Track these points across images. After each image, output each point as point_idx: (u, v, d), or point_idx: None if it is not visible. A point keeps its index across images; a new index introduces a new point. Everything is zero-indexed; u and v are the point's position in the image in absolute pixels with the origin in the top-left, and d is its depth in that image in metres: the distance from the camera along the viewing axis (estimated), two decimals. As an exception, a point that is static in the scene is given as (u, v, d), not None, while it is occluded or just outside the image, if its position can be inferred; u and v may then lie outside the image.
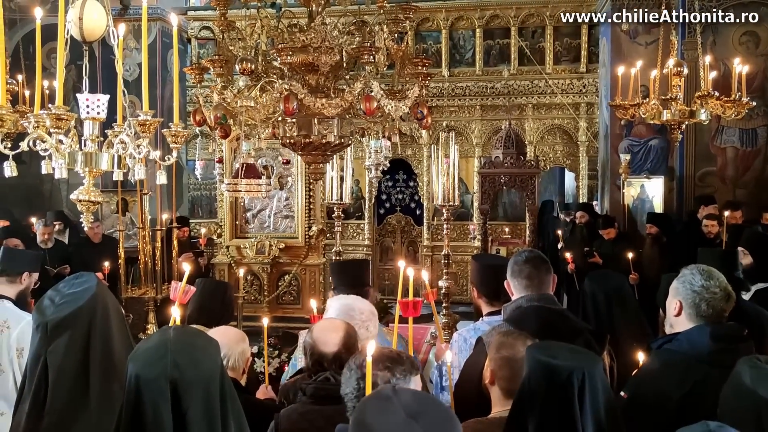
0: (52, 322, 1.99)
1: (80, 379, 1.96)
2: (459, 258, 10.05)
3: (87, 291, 2.07)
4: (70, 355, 1.97)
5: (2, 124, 2.38)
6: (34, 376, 1.98)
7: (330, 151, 4.53)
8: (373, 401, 1.42)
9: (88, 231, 7.38)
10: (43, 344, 1.99)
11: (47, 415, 1.93)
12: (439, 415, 1.39)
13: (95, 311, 2.04)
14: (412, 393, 1.43)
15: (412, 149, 10.90)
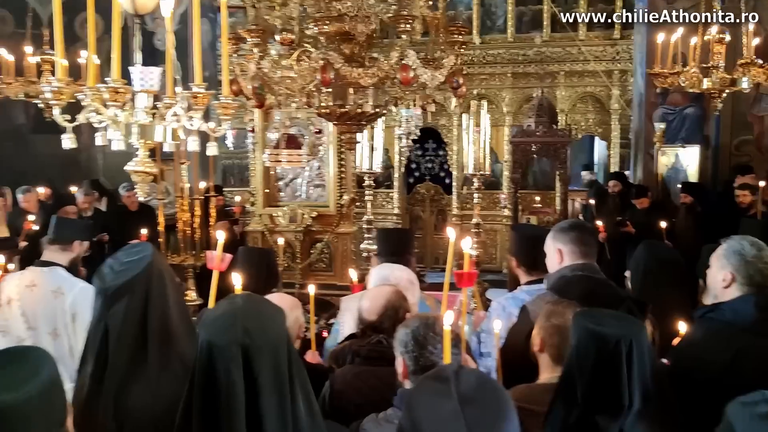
0: (111, 288, 2.07)
1: (139, 344, 2.04)
2: (488, 227, 10.07)
3: (143, 259, 2.15)
4: (128, 320, 2.04)
5: (61, 97, 2.46)
6: (96, 340, 2.06)
7: (365, 121, 4.55)
8: (430, 382, 1.46)
9: (125, 199, 7.55)
10: (103, 309, 2.07)
11: (107, 378, 2.02)
12: (492, 407, 1.41)
13: (152, 278, 2.12)
14: (476, 377, 1.46)
15: (443, 118, 10.85)
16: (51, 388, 1.45)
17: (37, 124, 9.89)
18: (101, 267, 2.20)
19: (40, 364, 1.46)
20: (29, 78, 5.98)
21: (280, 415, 1.50)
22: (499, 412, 1.40)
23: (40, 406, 1.41)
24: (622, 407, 1.85)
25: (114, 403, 1.99)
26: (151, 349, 2.05)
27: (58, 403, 1.49)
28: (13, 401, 1.36)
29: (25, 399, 1.38)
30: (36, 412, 1.40)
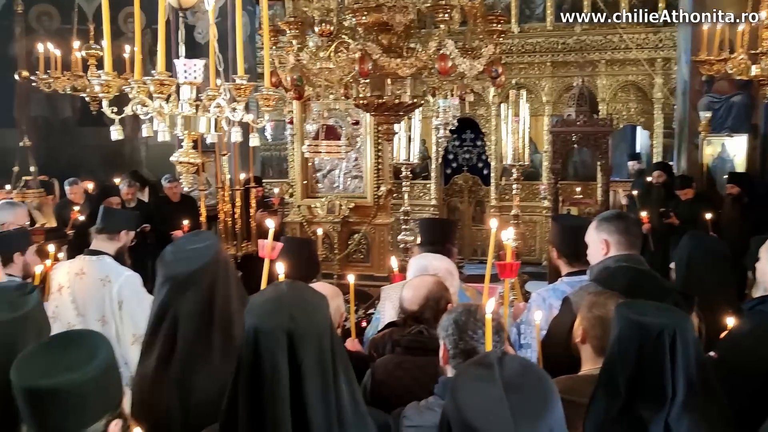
0: (180, 276, 2.11)
1: (204, 331, 2.08)
2: (527, 218, 9.97)
3: (210, 247, 2.20)
4: (197, 307, 2.09)
5: (109, 90, 2.52)
6: (160, 328, 2.11)
7: (402, 112, 4.54)
8: (474, 368, 1.46)
9: (167, 190, 7.70)
10: (172, 296, 2.11)
11: (174, 362, 2.07)
12: (537, 393, 1.41)
13: (218, 266, 2.16)
14: (520, 363, 1.46)
15: (481, 108, 10.76)
16: (108, 370, 1.52)
17: (83, 117, 10.15)
18: (164, 255, 2.24)
19: (98, 346, 1.53)
20: (76, 72, 6.13)
21: (323, 400, 1.52)
22: (544, 399, 1.40)
23: (97, 386, 1.48)
24: (665, 398, 1.82)
25: (179, 388, 2.04)
26: (216, 335, 2.10)
27: (114, 385, 1.56)
28: (73, 381, 1.43)
29: (84, 380, 1.44)
30: (94, 393, 1.47)
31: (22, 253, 3.65)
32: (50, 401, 1.43)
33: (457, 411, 1.36)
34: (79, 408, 1.45)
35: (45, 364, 1.47)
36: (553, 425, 1.36)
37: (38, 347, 1.55)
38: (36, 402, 1.44)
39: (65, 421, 1.45)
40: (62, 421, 1.44)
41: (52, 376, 1.43)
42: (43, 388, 1.42)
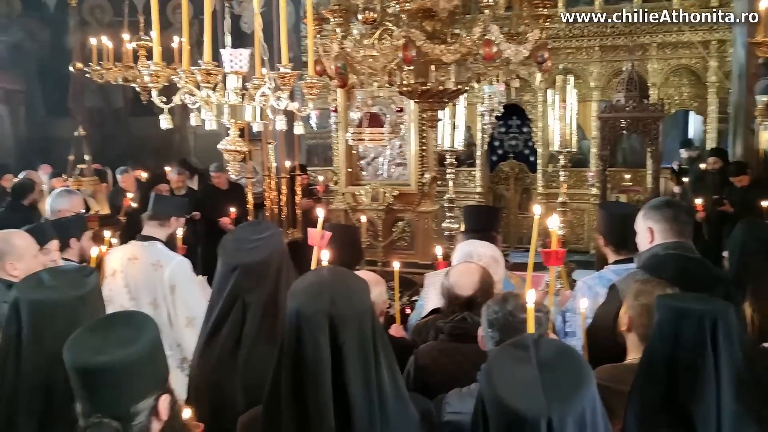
0: (250, 264, 2.17)
1: (269, 320, 2.15)
2: (575, 206, 9.79)
3: (274, 236, 2.28)
4: (264, 295, 2.16)
5: (158, 79, 2.58)
6: (229, 315, 2.17)
7: (447, 98, 4.52)
8: (510, 349, 1.47)
9: (213, 179, 7.86)
10: (240, 285, 2.17)
11: (241, 350, 2.15)
12: (570, 374, 1.41)
13: (283, 255, 2.24)
14: (556, 346, 1.47)
15: (527, 94, 10.59)
16: (154, 348, 1.58)
17: (135, 107, 10.45)
18: (225, 243, 2.31)
19: (145, 326, 1.59)
20: (127, 63, 6.28)
21: (364, 383, 1.55)
22: (578, 380, 1.40)
23: (145, 363, 1.54)
24: (708, 386, 1.78)
25: (245, 374, 2.11)
26: (280, 327, 2.15)
27: (161, 362, 1.62)
28: (123, 358, 1.49)
29: (133, 356, 1.50)
30: (143, 369, 1.53)
31: (78, 238, 3.80)
32: (102, 378, 1.49)
33: (491, 389, 1.38)
34: (129, 384, 1.51)
35: (95, 342, 1.53)
36: (585, 406, 1.36)
37: (87, 328, 1.61)
38: (88, 379, 1.50)
39: (117, 396, 1.50)
40: (114, 396, 1.50)
41: (102, 353, 1.49)
42: (95, 365, 1.48)
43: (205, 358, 2.20)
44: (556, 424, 1.32)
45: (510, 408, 1.34)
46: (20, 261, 2.98)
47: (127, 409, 1.51)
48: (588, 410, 1.36)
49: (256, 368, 2.09)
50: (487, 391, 1.40)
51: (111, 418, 1.49)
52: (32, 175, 7.15)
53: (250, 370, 2.12)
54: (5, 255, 2.99)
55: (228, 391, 2.09)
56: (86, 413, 1.52)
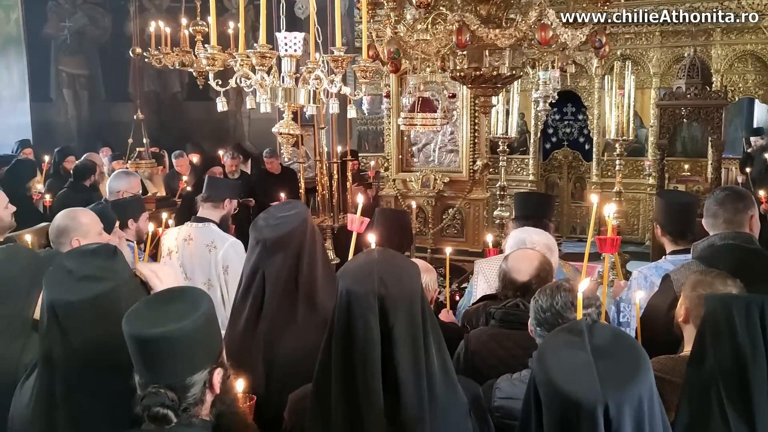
0: (270, 239, 2.24)
1: (290, 293, 2.20)
2: (630, 196, 9.56)
3: (299, 215, 2.32)
4: (283, 270, 2.21)
5: (214, 63, 2.63)
6: (251, 287, 2.25)
7: (500, 84, 4.46)
8: (564, 334, 1.45)
9: (266, 163, 7.97)
10: (261, 258, 2.25)
11: (261, 322, 2.21)
12: (626, 361, 1.38)
13: (306, 233, 2.27)
14: (611, 331, 1.43)
15: (583, 80, 10.34)
16: (209, 321, 1.62)
17: (191, 91, 10.67)
18: (256, 221, 2.38)
19: (199, 300, 1.64)
20: (184, 48, 6.40)
21: (414, 364, 1.55)
22: (634, 366, 1.37)
23: (201, 335, 1.58)
24: (759, 376, 1.73)
25: (265, 346, 2.17)
26: (301, 298, 2.21)
27: (216, 336, 1.66)
28: (180, 330, 1.54)
29: (189, 328, 1.55)
30: (198, 341, 1.57)
31: (135, 219, 3.92)
32: (158, 349, 1.54)
33: (545, 374, 1.36)
34: (184, 356, 1.55)
35: (153, 315, 1.57)
36: (642, 393, 1.33)
37: (145, 301, 1.67)
38: (145, 350, 1.55)
39: (173, 367, 1.55)
40: (170, 367, 1.55)
41: (159, 325, 1.54)
42: (152, 336, 1.53)
43: (231, 329, 2.26)
44: (613, 411, 1.29)
45: (564, 394, 1.32)
46: (85, 238, 3.09)
47: (182, 380, 1.55)
48: (645, 398, 1.33)
49: (277, 342, 2.17)
50: (541, 375, 1.38)
51: (167, 389, 1.54)
52: (93, 157, 7.39)
53: (271, 343, 2.18)
54: (72, 231, 3.11)
55: (250, 365, 2.14)
56: (144, 383, 1.56)
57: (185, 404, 1.56)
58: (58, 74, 10.84)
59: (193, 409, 1.57)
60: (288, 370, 2.06)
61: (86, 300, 1.74)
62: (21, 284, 2.32)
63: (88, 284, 1.76)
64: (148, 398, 1.53)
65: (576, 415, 1.31)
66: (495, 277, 2.74)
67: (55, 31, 10.74)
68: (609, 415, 1.29)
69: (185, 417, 1.56)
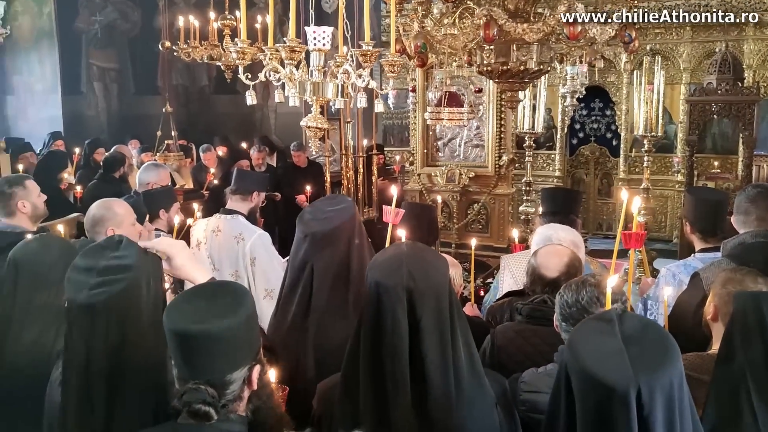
0: (319, 233, 2.28)
1: (338, 287, 2.24)
2: (658, 193, 9.43)
3: (347, 209, 2.36)
4: (332, 264, 2.25)
5: (244, 57, 2.66)
6: (299, 280, 2.28)
7: (528, 78, 4.44)
8: (594, 322, 1.46)
9: (294, 157, 8.03)
10: (309, 252, 2.28)
11: (312, 313, 2.24)
12: (656, 348, 1.38)
13: (354, 228, 2.32)
14: (640, 320, 1.44)
15: (611, 75, 10.22)
16: (251, 318, 1.61)
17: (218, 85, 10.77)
18: (303, 214, 2.43)
19: (242, 296, 1.63)
20: (212, 42, 6.45)
21: (441, 356, 1.57)
22: (664, 351, 1.38)
23: (242, 333, 1.57)
24: None
25: (314, 340, 2.20)
26: (350, 291, 2.23)
27: (255, 335, 1.65)
28: (222, 327, 1.53)
29: (232, 326, 1.54)
30: (239, 339, 1.56)
31: (167, 210, 3.98)
32: (200, 345, 1.53)
33: (576, 361, 1.37)
34: (226, 353, 1.54)
35: (195, 310, 1.56)
36: (673, 379, 1.34)
37: (186, 295, 1.66)
38: (187, 345, 1.54)
39: (214, 364, 1.54)
40: (211, 364, 1.54)
41: (202, 322, 1.53)
42: (196, 332, 1.52)
43: (279, 321, 2.28)
44: (645, 395, 1.30)
45: (597, 379, 1.33)
46: (119, 228, 3.16)
47: (222, 377, 1.54)
48: (676, 384, 1.34)
49: (326, 335, 2.19)
50: (573, 362, 1.39)
51: (207, 385, 1.53)
52: (123, 149, 7.51)
53: (321, 336, 2.20)
54: (107, 221, 3.18)
55: (299, 354, 2.16)
56: (183, 378, 1.56)
57: (224, 401, 1.55)
58: (89, 68, 11.01)
59: (231, 405, 1.57)
60: (337, 362, 2.08)
61: (105, 300, 1.71)
62: (55, 273, 2.37)
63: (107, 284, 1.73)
64: (189, 394, 1.52)
65: (608, 400, 1.32)
66: (521, 272, 2.74)
67: (86, 25, 10.91)
68: (641, 400, 1.30)
69: (223, 413, 1.55)
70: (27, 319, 2.31)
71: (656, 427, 1.32)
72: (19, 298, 2.32)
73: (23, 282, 2.32)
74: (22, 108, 10.91)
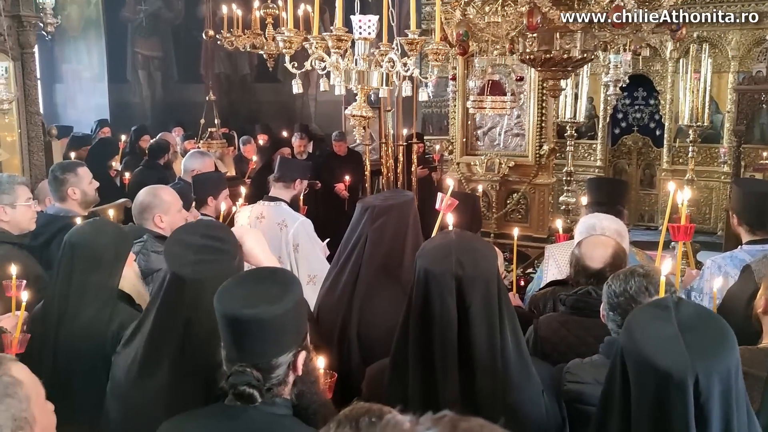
0: (378, 207, 2.44)
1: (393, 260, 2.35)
2: (703, 184, 9.23)
3: (407, 196, 2.56)
4: (385, 237, 2.38)
5: (291, 46, 2.69)
6: (354, 251, 2.42)
7: (571, 67, 4.38)
8: (651, 309, 1.46)
9: (335, 146, 8.07)
10: (367, 225, 2.42)
11: (359, 286, 2.33)
12: (713, 335, 1.38)
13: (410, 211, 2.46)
14: (696, 308, 1.44)
15: (656, 63, 10.00)
16: (299, 304, 1.65)
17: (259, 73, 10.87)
18: (364, 197, 2.62)
19: (291, 282, 1.67)
20: (255, 31, 6.51)
21: (489, 343, 1.58)
22: (721, 339, 1.38)
23: (290, 318, 1.61)
24: None
25: (360, 310, 2.27)
26: (406, 267, 2.28)
27: (302, 321, 1.68)
28: (269, 313, 1.57)
29: (280, 311, 1.58)
30: (287, 324, 1.60)
31: (215, 197, 4.06)
32: (249, 329, 1.58)
33: (633, 345, 1.37)
34: (274, 338, 1.58)
35: (245, 295, 1.61)
36: (730, 366, 1.34)
37: (238, 280, 1.70)
38: (237, 329, 1.58)
39: (262, 348, 1.58)
40: (259, 347, 1.58)
41: (252, 306, 1.57)
42: (245, 316, 1.56)
43: (328, 296, 2.35)
44: (703, 382, 1.30)
45: (654, 365, 1.33)
46: (167, 215, 3.24)
47: (268, 361, 1.58)
48: (732, 372, 1.34)
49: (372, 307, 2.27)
50: (629, 347, 1.40)
51: (253, 368, 1.57)
52: (168, 137, 7.66)
53: (366, 310, 2.28)
54: (154, 208, 3.26)
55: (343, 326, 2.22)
56: (231, 360, 1.60)
57: (269, 384, 1.59)
58: (134, 56, 11.23)
59: (276, 389, 1.61)
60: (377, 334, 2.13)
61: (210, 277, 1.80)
62: (108, 255, 2.47)
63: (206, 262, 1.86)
64: (235, 376, 1.57)
65: (665, 386, 1.33)
66: (566, 262, 2.73)
67: (131, 14, 11.11)
68: (699, 387, 1.30)
69: (268, 396, 1.59)
70: (83, 299, 2.40)
71: (712, 415, 1.32)
72: (74, 279, 2.41)
73: (79, 264, 2.41)
74: (71, 96, 11.19)
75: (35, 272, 3.05)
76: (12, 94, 4.52)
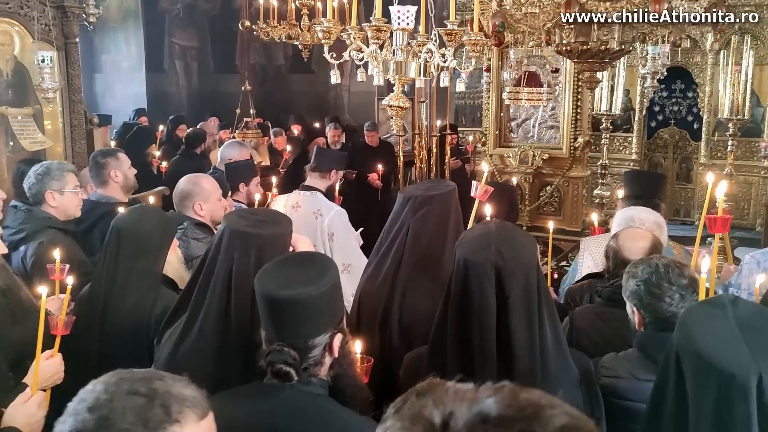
0: (420, 197, 2.48)
1: (432, 251, 2.40)
2: (742, 179, 9.03)
3: (448, 185, 2.61)
4: (428, 226, 2.43)
5: (330, 36, 2.72)
6: (396, 240, 2.46)
7: (608, 59, 4.33)
8: (706, 307, 1.45)
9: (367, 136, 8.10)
10: (408, 215, 2.47)
11: (402, 270, 2.39)
12: None
13: (452, 201, 2.50)
14: (753, 306, 1.42)
15: (696, 56, 9.79)
16: (335, 287, 1.70)
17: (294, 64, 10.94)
18: (405, 187, 2.55)
19: (328, 265, 1.72)
20: (290, 21, 6.56)
21: (527, 333, 1.60)
22: None
23: (327, 300, 1.66)
24: None
25: (401, 297, 2.32)
26: (447, 256, 2.32)
27: (339, 304, 1.73)
28: (308, 294, 1.62)
29: (317, 293, 1.62)
30: (324, 306, 1.65)
31: (246, 183, 4.13)
32: (286, 310, 1.63)
33: (691, 343, 1.36)
34: (310, 319, 1.63)
35: (284, 277, 1.66)
36: None
37: (276, 262, 1.76)
38: (274, 309, 1.64)
39: (298, 328, 1.63)
40: (296, 328, 1.63)
41: (290, 288, 1.62)
42: (283, 297, 1.62)
43: (369, 283, 2.40)
44: (766, 381, 1.29)
45: (716, 365, 1.32)
46: (206, 202, 3.30)
47: (305, 341, 1.63)
48: None
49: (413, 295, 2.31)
50: (686, 345, 1.38)
51: (291, 348, 1.62)
52: (207, 127, 7.77)
53: (409, 295, 2.32)
54: (195, 196, 3.33)
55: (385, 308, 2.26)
56: (270, 339, 1.66)
57: (306, 364, 1.63)
58: (171, 46, 11.40)
59: (312, 369, 1.65)
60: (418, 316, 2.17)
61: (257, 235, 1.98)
62: (153, 241, 2.54)
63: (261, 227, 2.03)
64: (273, 355, 1.62)
65: (728, 386, 1.31)
66: (602, 255, 2.71)
67: (169, 5, 11.27)
68: (762, 386, 1.29)
69: (305, 376, 1.64)
70: (128, 284, 2.47)
71: None
72: (120, 264, 2.48)
73: (125, 249, 2.48)
74: (110, 85, 11.41)
75: (78, 257, 3.13)
76: (57, 83, 4.63)
